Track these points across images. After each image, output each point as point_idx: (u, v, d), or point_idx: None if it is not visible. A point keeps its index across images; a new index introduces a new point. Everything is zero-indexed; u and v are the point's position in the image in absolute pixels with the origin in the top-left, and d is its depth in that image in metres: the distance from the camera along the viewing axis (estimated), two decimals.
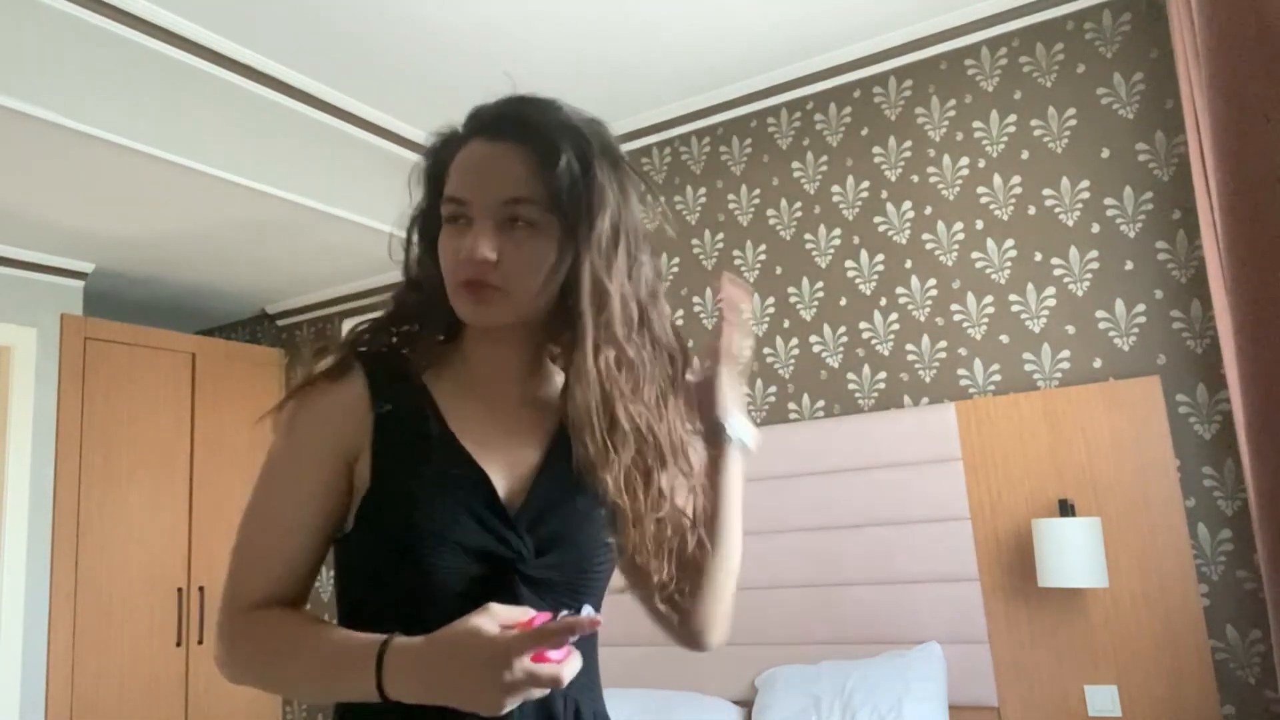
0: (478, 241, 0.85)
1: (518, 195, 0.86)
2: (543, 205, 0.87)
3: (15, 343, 3.29)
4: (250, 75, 2.87)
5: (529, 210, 0.86)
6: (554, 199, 0.87)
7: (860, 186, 2.99)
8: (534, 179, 0.87)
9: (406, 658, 0.75)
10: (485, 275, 0.86)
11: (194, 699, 3.59)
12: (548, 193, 0.86)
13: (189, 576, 3.66)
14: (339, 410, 0.88)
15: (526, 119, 0.90)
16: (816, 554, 2.76)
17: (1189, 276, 2.47)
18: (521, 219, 0.86)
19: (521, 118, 0.90)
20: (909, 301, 2.86)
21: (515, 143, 0.88)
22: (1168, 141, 2.54)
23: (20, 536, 3.19)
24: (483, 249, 0.85)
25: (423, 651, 0.75)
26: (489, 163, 0.88)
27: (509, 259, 0.86)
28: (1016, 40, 2.79)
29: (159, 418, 3.67)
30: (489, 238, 0.86)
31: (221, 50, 2.77)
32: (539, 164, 0.87)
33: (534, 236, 0.87)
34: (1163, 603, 2.33)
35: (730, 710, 2.67)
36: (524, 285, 0.87)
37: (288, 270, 3.82)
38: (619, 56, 2.96)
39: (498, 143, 0.89)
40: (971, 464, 2.61)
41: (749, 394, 3.08)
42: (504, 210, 0.86)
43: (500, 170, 0.87)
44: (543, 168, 0.87)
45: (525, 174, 0.87)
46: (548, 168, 0.86)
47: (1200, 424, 2.40)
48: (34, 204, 2.91)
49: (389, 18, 2.68)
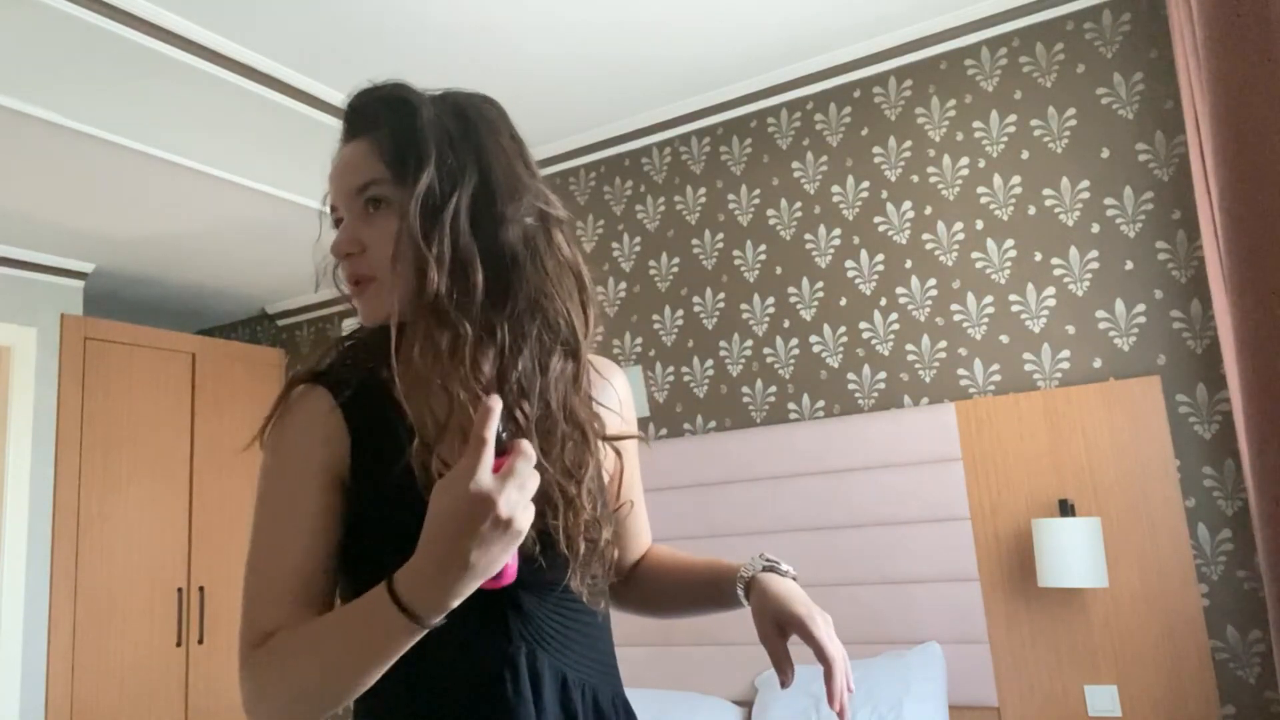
0: (338, 237, 0.87)
1: (363, 181, 0.87)
2: (389, 182, 0.86)
3: (15, 343, 3.29)
4: (250, 75, 2.87)
5: (376, 190, 0.87)
6: (396, 172, 0.86)
7: (860, 186, 2.99)
8: (374, 160, 0.87)
9: (412, 568, 0.71)
10: (356, 269, 0.87)
11: (194, 699, 3.59)
12: (389, 169, 0.86)
13: (189, 577, 3.66)
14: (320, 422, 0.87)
15: (359, 108, 0.92)
16: (816, 554, 2.76)
17: (1189, 276, 2.47)
18: (371, 201, 0.87)
19: (356, 109, 0.92)
20: (909, 301, 2.86)
21: (357, 135, 0.90)
22: (1168, 141, 2.54)
23: (20, 536, 3.19)
24: (341, 241, 0.87)
25: (420, 552, 0.71)
26: (340, 163, 0.90)
27: (373, 244, 0.86)
28: (1016, 40, 2.79)
29: (159, 417, 3.67)
30: (349, 229, 0.87)
31: (221, 50, 2.76)
32: (374, 144, 0.88)
33: (389, 214, 0.86)
34: (1163, 603, 2.34)
35: (730, 710, 2.67)
36: (389, 267, 0.86)
37: (288, 270, 3.82)
38: (619, 56, 2.96)
39: (346, 143, 0.91)
40: (971, 464, 2.61)
41: (748, 393, 3.08)
42: (358, 201, 0.88)
43: (348, 165, 0.89)
44: (377, 145, 0.87)
45: (366, 158, 0.88)
46: (380, 142, 0.87)
47: (1200, 424, 2.40)
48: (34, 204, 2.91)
49: (389, 18, 2.68)
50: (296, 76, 2.98)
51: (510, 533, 0.68)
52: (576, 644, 0.90)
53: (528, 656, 0.85)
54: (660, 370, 3.26)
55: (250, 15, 2.64)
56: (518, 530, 0.68)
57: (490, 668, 0.84)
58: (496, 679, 0.83)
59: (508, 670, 0.84)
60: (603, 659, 0.93)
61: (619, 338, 3.38)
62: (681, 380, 3.23)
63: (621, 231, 3.45)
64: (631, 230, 3.42)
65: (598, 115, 3.34)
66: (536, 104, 3.19)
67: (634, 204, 3.43)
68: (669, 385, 3.25)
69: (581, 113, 3.30)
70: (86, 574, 3.33)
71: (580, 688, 0.88)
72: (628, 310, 3.38)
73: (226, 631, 3.75)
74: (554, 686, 0.86)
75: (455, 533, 0.68)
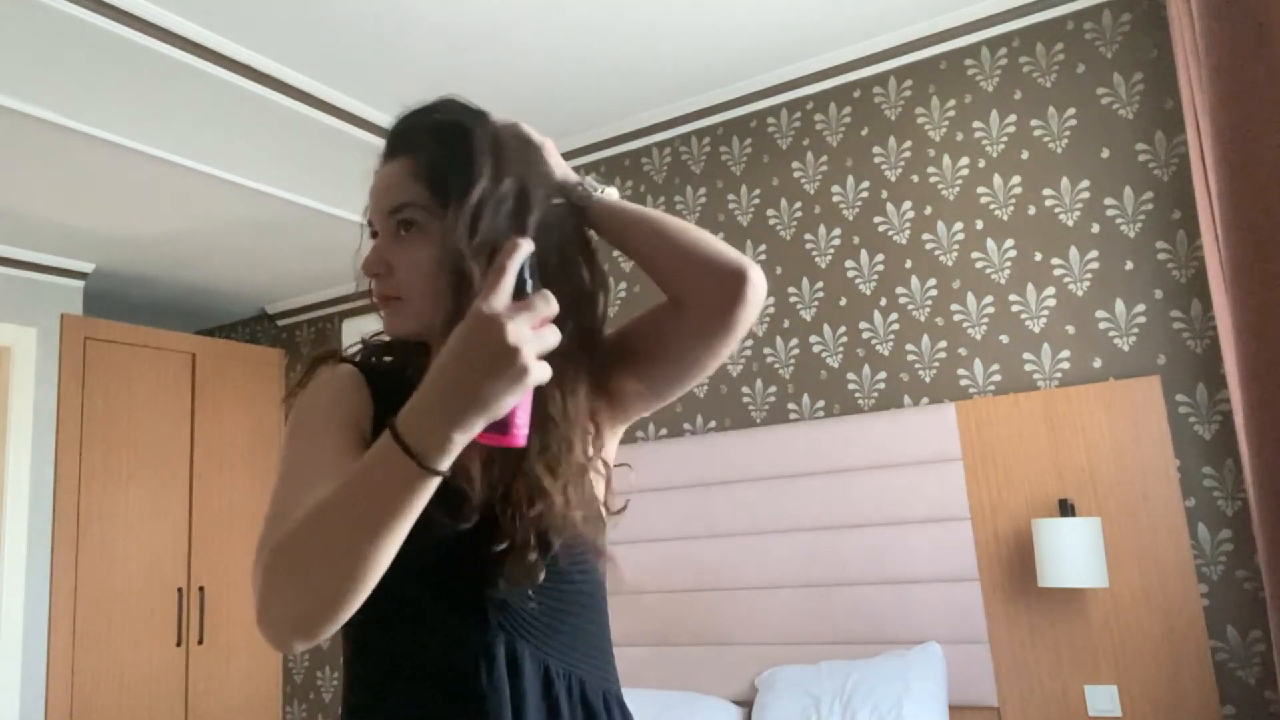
0: (368, 256, 0.89)
1: (399, 203, 0.89)
2: (423, 206, 0.88)
3: (15, 343, 3.29)
4: (250, 75, 2.87)
5: (410, 213, 0.88)
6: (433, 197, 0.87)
7: (860, 186, 2.99)
8: (411, 182, 0.88)
9: (415, 399, 0.68)
10: (383, 287, 0.89)
11: (194, 699, 3.59)
12: (428, 193, 0.87)
13: (189, 576, 3.66)
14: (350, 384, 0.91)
15: (401, 131, 0.93)
16: (816, 554, 2.76)
17: (1189, 276, 2.47)
18: (405, 224, 0.88)
19: (397, 131, 0.93)
20: (909, 301, 2.86)
21: (395, 156, 0.91)
22: (1168, 141, 2.54)
23: (20, 536, 3.19)
24: (369, 261, 0.89)
25: (424, 383, 0.68)
26: (379, 182, 0.92)
27: (401, 266, 0.88)
28: (1016, 40, 2.79)
29: (159, 418, 3.67)
30: (379, 250, 0.89)
31: (221, 50, 2.77)
32: (413, 167, 0.89)
33: (419, 238, 0.88)
34: (1163, 603, 2.34)
35: (730, 710, 2.67)
36: (416, 289, 0.88)
37: (288, 270, 3.82)
38: (619, 56, 2.96)
39: (385, 162, 0.93)
40: (971, 464, 2.61)
41: (748, 393, 3.08)
42: (392, 221, 0.89)
43: (385, 185, 0.91)
44: (415, 169, 0.89)
45: (403, 181, 0.89)
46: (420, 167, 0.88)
47: (1200, 424, 2.40)
48: (34, 204, 2.91)
49: (389, 18, 2.68)
50: (296, 76, 2.98)
51: (516, 365, 0.65)
52: (563, 635, 0.89)
53: (506, 646, 0.85)
54: None
55: (250, 15, 2.64)
56: (524, 365, 0.65)
57: (465, 658, 0.84)
58: (472, 669, 0.84)
59: (483, 660, 0.84)
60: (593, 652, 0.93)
61: None
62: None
63: None
64: None
65: (598, 115, 3.34)
66: (536, 104, 3.19)
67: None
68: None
69: (581, 113, 3.30)
70: (86, 574, 3.33)
71: (565, 678, 0.87)
72: (628, 310, 3.38)
73: (226, 631, 3.76)
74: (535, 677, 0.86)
75: (459, 354, 0.66)
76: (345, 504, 0.69)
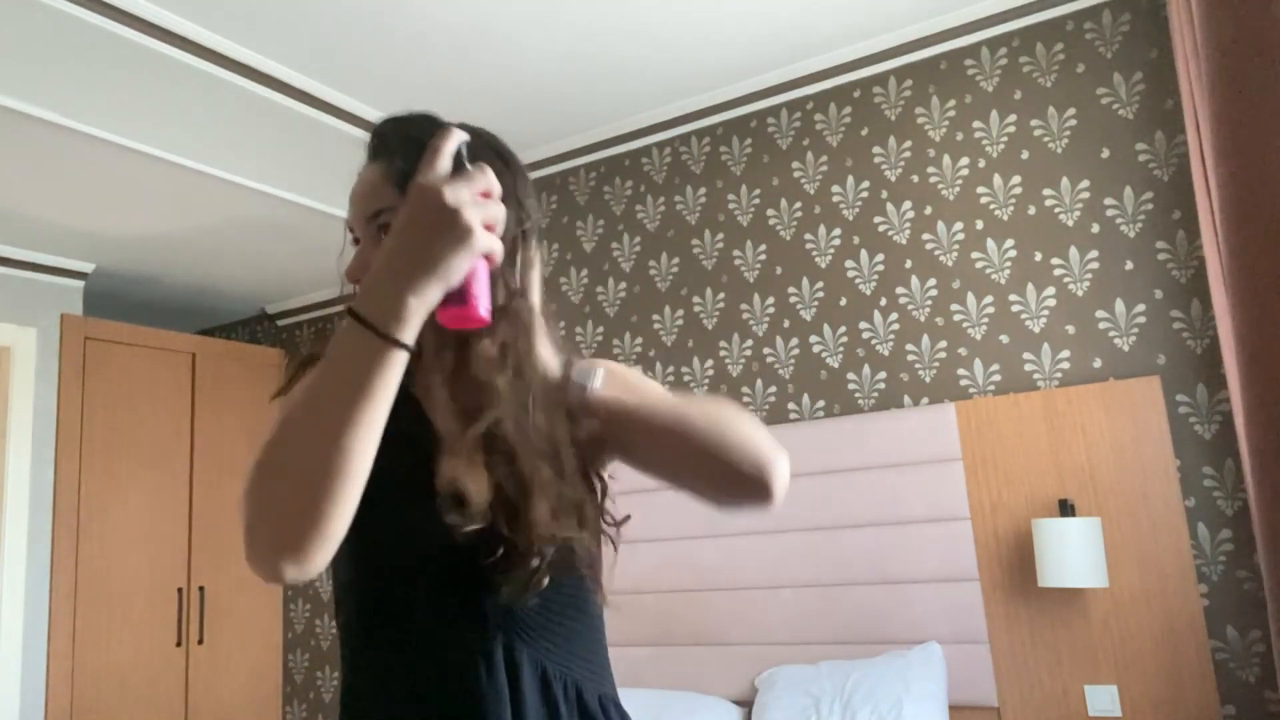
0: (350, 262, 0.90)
1: (375, 208, 0.89)
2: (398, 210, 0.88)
3: (15, 343, 3.29)
4: (250, 75, 2.87)
5: (388, 218, 0.88)
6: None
7: (860, 186, 2.99)
8: (388, 186, 0.89)
9: (368, 279, 0.71)
10: None
11: (194, 699, 3.59)
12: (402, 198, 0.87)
13: (189, 576, 3.66)
14: None
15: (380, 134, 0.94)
16: (816, 554, 2.76)
17: (1189, 276, 2.47)
18: (384, 228, 0.89)
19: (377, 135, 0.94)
20: (909, 301, 2.86)
21: (374, 160, 0.92)
22: (1168, 141, 2.54)
23: (20, 536, 3.19)
24: (352, 266, 0.89)
25: (377, 259, 0.71)
26: (358, 186, 0.92)
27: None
28: (1016, 40, 2.79)
29: (159, 418, 3.67)
30: (361, 255, 0.90)
31: (222, 50, 2.77)
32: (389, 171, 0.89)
33: None
34: (1163, 603, 2.34)
35: (730, 710, 2.67)
36: None
37: (288, 270, 3.82)
38: (619, 56, 2.96)
39: (365, 166, 0.93)
40: (971, 464, 2.61)
41: (748, 393, 3.08)
42: (372, 226, 0.90)
43: (364, 189, 0.91)
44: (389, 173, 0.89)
45: (380, 184, 0.90)
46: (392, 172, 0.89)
47: (1200, 424, 2.40)
48: (34, 204, 2.91)
49: (389, 18, 2.68)
50: (296, 76, 2.98)
51: (460, 225, 0.68)
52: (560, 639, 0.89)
53: (505, 647, 0.85)
54: (660, 370, 3.26)
55: (250, 15, 2.64)
56: (466, 224, 0.68)
57: (464, 657, 0.85)
58: (470, 668, 0.84)
59: (482, 660, 0.84)
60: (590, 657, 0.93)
61: (619, 338, 3.38)
62: (681, 380, 3.23)
63: (621, 231, 3.45)
64: (631, 230, 3.42)
65: (598, 115, 3.34)
66: (536, 104, 3.19)
67: (634, 204, 3.43)
68: (669, 385, 3.25)
69: (581, 113, 3.30)
70: (86, 574, 3.33)
71: (562, 681, 0.88)
72: (628, 310, 3.38)
73: (227, 631, 3.76)
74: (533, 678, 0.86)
75: (404, 226, 0.70)
76: (315, 396, 0.70)
